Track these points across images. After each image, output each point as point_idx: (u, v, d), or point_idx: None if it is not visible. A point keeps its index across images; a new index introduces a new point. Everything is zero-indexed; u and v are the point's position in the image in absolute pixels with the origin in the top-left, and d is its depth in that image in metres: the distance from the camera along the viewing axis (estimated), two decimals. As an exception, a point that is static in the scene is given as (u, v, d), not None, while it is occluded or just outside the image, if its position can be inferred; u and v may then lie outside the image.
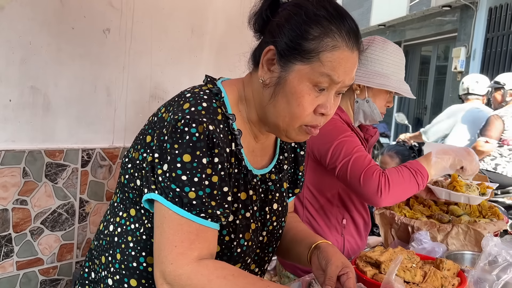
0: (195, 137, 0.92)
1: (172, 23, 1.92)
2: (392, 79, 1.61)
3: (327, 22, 0.97)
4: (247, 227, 1.07)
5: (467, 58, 8.86)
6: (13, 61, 1.51)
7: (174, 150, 0.93)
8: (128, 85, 1.82)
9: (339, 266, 1.04)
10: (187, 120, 0.93)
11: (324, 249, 1.10)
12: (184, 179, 0.92)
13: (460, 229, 1.52)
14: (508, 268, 1.11)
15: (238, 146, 1.03)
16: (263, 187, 1.13)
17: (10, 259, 1.55)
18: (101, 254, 1.11)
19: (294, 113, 0.99)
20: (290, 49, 0.97)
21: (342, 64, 0.97)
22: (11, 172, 1.52)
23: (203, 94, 1.00)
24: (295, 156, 1.26)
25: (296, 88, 0.97)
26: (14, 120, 1.53)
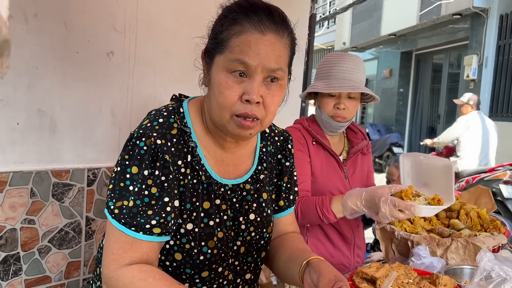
0: (143, 150, 1.01)
1: (175, 44, 1.97)
2: (321, 81, 1.73)
3: (235, 13, 1.03)
4: (211, 235, 1.09)
5: (479, 66, 8.79)
6: (21, 86, 1.57)
7: (124, 161, 1.02)
8: (132, 105, 1.87)
9: (332, 280, 1.00)
10: (138, 134, 1.02)
11: (316, 264, 1.08)
12: (130, 189, 1.00)
13: (459, 243, 1.52)
14: (502, 283, 1.11)
15: (195, 158, 1.07)
16: (236, 197, 1.15)
17: (19, 278, 1.60)
18: (97, 266, 1.19)
19: (219, 102, 1.02)
20: (211, 46, 1.04)
21: (251, 46, 1.00)
22: (19, 193, 1.57)
23: (165, 111, 1.09)
24: (281, 167, 1.28)
25: (216, 78, 1.03)
26: (22, 142, 1.59)
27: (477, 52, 8.80)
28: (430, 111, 11.55)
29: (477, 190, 1.98)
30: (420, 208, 1.49)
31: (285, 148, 1.29)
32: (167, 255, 1.08)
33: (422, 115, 11.83)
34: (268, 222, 1.23)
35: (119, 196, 1.00)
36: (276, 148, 1.28)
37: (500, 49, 8.46)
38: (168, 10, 1.93)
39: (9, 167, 1.56)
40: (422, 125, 11.81)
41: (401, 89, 12.33)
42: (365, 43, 13.77)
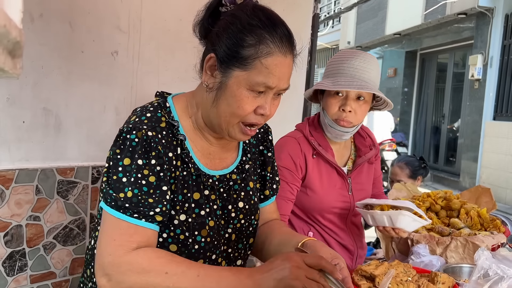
0: (134, 142, 1.04)
1: (178, 44, 1.99)
2: (327, 79, 1.60)
3: (260, 30, 1.05)
4: (203, 225, 1.14)
5: (484, 65, 8.76)
6: (26, 85, 1.59)
7: (116, 155, 1.05)
8: (136, 104, 1.89)
9: (329, 258, 1.10)
10: (129, 128, 1.06)
11: (312, 245, 1.16)
12: (124, 181, 1.02)
13: (459, 242, 1.54)
14: (499, 281, 1.13)
15: (184, 151, 1.11)
16: (223, 187, 1.20)
17: (24, 273, 1.63)
18: (87, 268, 1.21)
19: (234, 113, 1.08)
20: (228, 57, 1.06)
21: (276, 70, 1.06)
22: (25, 190, 1.60)
23: (150, 107, 1.13)
24: (263, 158, 1.34)
25: (235, 92, 1.06)
26: (28, 140, 1.62)
27: (482, 52, 8.77)
28: (434, 111, 11.52)
29: (477, 189, 1.99)
30: (405, 217, 1.48)
31: (266, 140, 1.36)
32: (161, 247, 1.11)
33: (426, 115, 11.80)
34: (255, 210, 1.29)
35: (115, 189, 1.02)
36: (258, 140, 1.35)
37: (505, 48, 8.42)
38: (172, 10, 1.95)
39: (15, 165, 1.59)
40: (426, 124, 11.78)
41: (405, 88, 12.30)
42: (369, 42, 13.75)
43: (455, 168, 10.17)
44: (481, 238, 1.53)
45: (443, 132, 10.92)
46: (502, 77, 8.46)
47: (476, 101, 9.03)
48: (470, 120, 9.22)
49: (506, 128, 8.16)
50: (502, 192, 7.90)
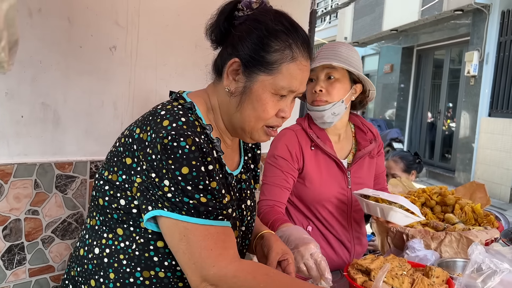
0: (187, 149, 0.99)
1: (176, 39, 2.00)
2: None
3: (285, 35, 1.07)
4: (235, 226, 1.16)
5: (480, 62, 8.79)
6: (25, 79, 1.60)
7: (170, 166, 0.98)
8: (134, 99, 1.90)
9: (279, 253, 1.17)
10: (173, 135, 0.99)
11: (267, 238, 1.23)
12: (190, 189, 0.98)
13: (453, 237, 1.56)
14: (492, 275, 1.15)
15: (219, 153, 1.11)
16: (238, 187, 1.22)
17: (23, 267, 1.64)
18: (89, 279, 1.13)
19: (259, 117, 1.10)
20: (253, 61, 1.06)
21: (299, 74, 1.09)
22: (23, 184, 1.61)
23: (178, 110, 1.07)
24: (253, 155, 1.36)
25: (261, 96, 1.08)
26: (26, 135, 1.62)
27: (478, 48, 8.80)
28: (430, 107, 11.56)
29: (472, 185, 2.02)
30: (396, 213, 1.51)
31: None
32: None
33: (422, 111, 11.84)
34: (256, 205, 1.34)
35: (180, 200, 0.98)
36: None
37: (501, 45, 8.46)
38: (170, 6, 1.95)
39: (13, 159, 1.59)
40: (422, 120, 11.83)
41: (402, 84, 12.33)
42: (366, 38, 13.76)
43: (450, 164, 10.23)
44: (475, 233, 1.55)
45: (439, 128, 10.97)
46: (497, 73, 8.50)
47: (472, 97, 9.07)
48: (466, 117, 9.27)
49: (501, 125, 8.21)
50: (496, 188, 7.96)
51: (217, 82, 1.15)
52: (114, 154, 1.11)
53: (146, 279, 1.08)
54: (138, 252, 1.08)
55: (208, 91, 1.18)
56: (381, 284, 1.15)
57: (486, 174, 8.37)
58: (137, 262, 1.08)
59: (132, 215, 1.07)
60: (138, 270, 1.08)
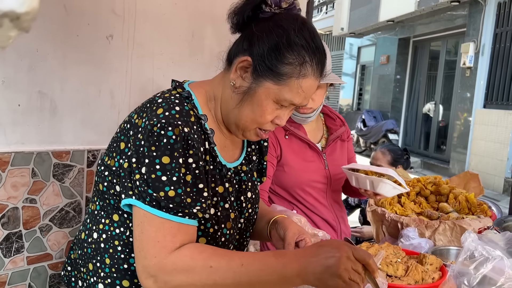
0: (172, 140, 1.00)
1: (173, 28, 1.99)
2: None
3: (303, 51, 1.05)
4: (228, 217, 1.16)
5: (476, 53, 8.82)
6: (21, 68, 1.59)
7: (152, 153, 0.99)
8: (131, 88, 1.90)
9: (296, 233, 1.19)
10: (162, 124, 1.00)
11: (282, 222, 1.26)
12: (164, 180, 0.98)
13: (447, 225, 1.59)
14: (485, 262, 1.17)
15: (212, 145, 1.12)
16: (237, 179, 1.23)
17: (21, 255, 1.65)
18: (87, 262, 1.16)
19: (255, 120, 1.10)
20: (265, 67, 1.05)
21: (306, 91, 1.09)
22: (21, 173, 1.61)
23: (175, 99, 1.08)
24: (260, 147, 1.38)
25: (262, 102, 1.07)
26: (23, 123, 1.62)
27: (474, 40, 8.81)
28: (426, 98, 11.60)
29: (466, 175, 2.04)
30: (386, 184, 1.56)
31: None
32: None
33: (418, 102, 11.87)
34: (258, 198, 1.34)
35: (154, 188, 0.98)
36: None
37: (497, 37, 8.48)
38: (167, -6, 1.94)
39: (11, 148, 1.60)
40: (418, 112, 11.86)
41: (398, 75, 12.35)
42: (363, 29, 13.74)
43: (445, 155, 10.29)
44: (468, 222, 1.58)
45: (434, 119, 11.01)
46: (493, 65, 8.53)
47: (467, 89, 9.10)
48: (461, 108, 9.30)
49: (496, 116, 8.25)
50: (490, 178, 8.03)
51: (226, 72, 1.14)
52: (114, 140, 1.14)
53: None
54: (131, 239, 1.08)
55: (214, 81, 1.19)
56: (376, 271, 1.16)
57: (480, 165, 8.43)
58: (131, 249, 1.09)
59: None
60: (132, 257, 1.10)
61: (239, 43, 1.11)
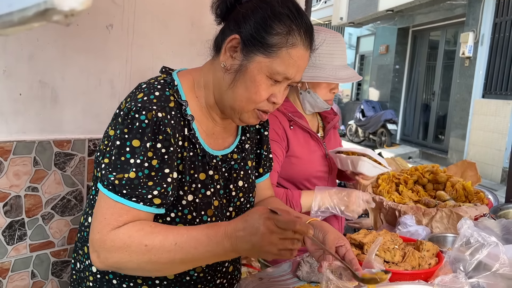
0: (144, 124, 1.02)
1: (173, 17, 2.00)
2: (325, 68, 1.68)
3: (289, 20, 1.07)
4: (209, 204, 1.16)
5: (475, 43, 8.79)
6: (22, 57, 1.60)
7: (123, 135, 1.02)
8: (131, 77, 1.91)
9: (336, 238, 1.14)
10: (138, 107, 1.03)
11: (319, 225, 1.20)
12: (131, 162, 1.01)
13: (443, 213, 1.61)
14: (480, 248, 1.19)
15: (191, 131, 1.12)
16: (225, 167, 1.22)
17: (24, 242, 1.67)
18: (83, 245, 1.20)
19: (250, 98, 1.09)
20: (253, 41, 1.07)
21: (297, 62, 1.09)
22: (23, 161, 1.63)
23: (157, 84, 1.10)
24: (260, 136, 1.36)
25: (255, 77, 1.08)
26: (24, 112, 1.64)
27: (473, 29, 8.79)
28: (425, 88, 11.59)
29: (463, 164, 2.06)
30: (364, 162, 1.62)
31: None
32: None
33: (417, 92, 11.87)
34: (253, 187, 1.33)
35: (120, 169, 1.01)
36: None
37: (496, 26, 8.45)
38: (166, -16, 1.94)
39: (12, 137, 1.61)
40: (417, 102, 11.86)
41: (397, 65, 12.32)
42: (362, 19, 13.67)
43: (443, 145, 10.32)
44: (464, 209, 1.60)
45: (433, 109, 11.02)
46: (492, 55, 8.51)
47: (466, 78, 9.10)
48: (460, 98, 9.31)
49: (494, 106, 8.26)
50: (488, 168, 8.06)
51: (215, 58, 1.16)
52: (108, 126, 1.16)
53: None
54: None
55: (204, 68, 1.20)
56: (374, 257, 1.19)
57: (479, 155, 8.47)
58: None
59: None
60: None
61: (226, 27, 1.14)
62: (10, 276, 1.65)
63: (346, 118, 13.68)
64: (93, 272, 1.17)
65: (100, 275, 1.16)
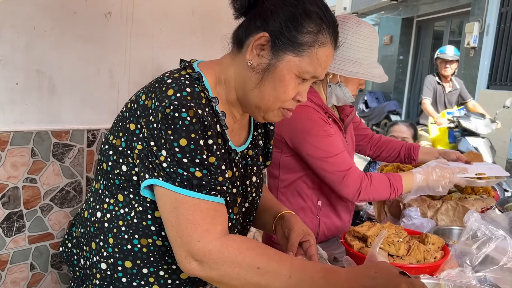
0: (187, 121, 0.96)
1: (173, 5, 1.95)
2: (364, 64, 1.62)
3: (319, 19, 1.04)
4: (235, 202, 1.14)
5: (480, 33, 8.69)
6: (18, 46, 1.57)
7: (169, 136, 0.96)
8: (130, 67, 1.88)
9: (300, 234, 1.16)
10: (175, 106, 0.96)
11: (288, 219, 1.22)
12: (186, 162, 0.96)
13: (449, 205, 1.58)
14: (487, 242, 1.16)
15: (223, 127, 1.09)
16: (243, 163, 1.20)
17: (22, 234, 1.65)
18: (90, 241, 1.15)
19: (279, 97, 1.06)
20: (284, 39, 1.02)
21: (325, 61, 1.07)
22: (20, 152, 1.60)
23: (184, 80, 1.04)
24: (266, 131, 1.35)
25: (285, 76, 1.04)
26: (21, 102, 1.60)
27: (479, 19, 8.68)
28: (429, 79, 11.49)
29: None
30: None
31: None
32: None
33: (421, 83, 11.77)
34: (262, 182, 1.32)
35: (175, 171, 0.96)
36: None
37: (502, 16, 8.34)
38: (166, -29, 1.90)
39: (9, 127, 1.58)
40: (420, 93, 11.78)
41: (401, 56, 12.22)
42: (366, 9, 13.55)
43: (447, 137, 10.25)
44: (471, 202, 1.57)
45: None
46: (497, 45, 8.41)
47: (471, 69, 9.01)
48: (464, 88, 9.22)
49: (499, 97, 8.18)
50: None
51: (236, 54, 1.11)
52: (120, 119, 1.11)
53: (143, 247, 1.09)
54: (136, 220, 1.08)
55: (223, 62, 1.15)
56: (378, 250, 1.16)
57: (483, 146, 8.40)
58: (135, 230, 1.08)
59: (133, 182, 1.07)
60: (136, 238, 1.09)
61: (249, 22, 1.08)
62: (9, 268, 1.63)
63: (349, 109, 13.60)
64: (102, 269, 1.13)
65: (110, 272, 1.12)
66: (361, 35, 1.62)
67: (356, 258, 1.25)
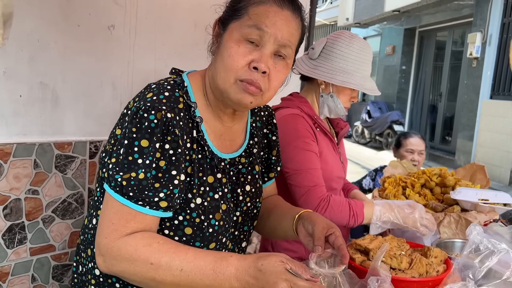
0: (153, 124, 1.01)
1: (175, 18, 1.97)
2: (356, 76, 1.63)
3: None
4: (217, 208, 1.14)
5: (483, 43, 8.71)
6: (22, 58, 1.58)
7: (132, 134, 1.01)
8: (133, 79, 1.89)
9: (325, 227, 1.13)
10: (147, 107, 1.01)
11: (308, 216, 1.20)
12: (139, 162, 1.00)
13: (452, 218, 1.57)
14: (490, 255, 1.15)
15: (200, 133, 1.10)
16: (234, 170, 1.20)
17: (24, 246, 1.65)
18: (87, 247, 1.18)
19: (226, 65, 1.05)
20: (227, 13, 1.10)
21: (269, 16, 1.05)
22: (23, 164, 1.61)
23: (167, 84, 1.09)
24: (268, 141, 1.34)
25: (228, 43, 1.06)
26: (25, 114, 1.61)
27: (481, 30, 8.70)
28: (432, 89, 11.50)
29: (472, 167, 2.02)
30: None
31: (270, 123, 1.36)
32: (176, 231, 1.10)
33: (424, 93, 11.78)
34: (260, 192, 1.31)
35: (127, 169, 1.00)
36: (262, 122, 1.34)
37: (504, 26, 8.37)
38: (169, -16, 1.92)
39: (12, 139, 1.59)
40: (423, 103, 11.78)
41: (403, 66, 12.25)
42: (368, 19, 13.61)
43: (450, 147, 10.23)
44: (474, 215, 1.56)
45: (440, 110, 10.94)
46: (500, 55, 8.43)
47: (474, 79, 9.01)
48: (467, 99, 9.22)
49: (502, 107, 8.17)
50: (496, 170, 7.98)
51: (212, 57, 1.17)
52: (114, 126, 1.14)
53: None
54: None
55: (207, 69, 1.19)
56: (380, 263, 1.15)
57: (487, 156, 8.38)
58: None
59: None
60: None
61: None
62: (10, 280, 1.63)
63: (352, 119, 13.61)
64: (95, 275, 1.15)
65: (103, 278, 1.14)
66: (353, 48, 1.65)
67: (358, 271, 1.24)
